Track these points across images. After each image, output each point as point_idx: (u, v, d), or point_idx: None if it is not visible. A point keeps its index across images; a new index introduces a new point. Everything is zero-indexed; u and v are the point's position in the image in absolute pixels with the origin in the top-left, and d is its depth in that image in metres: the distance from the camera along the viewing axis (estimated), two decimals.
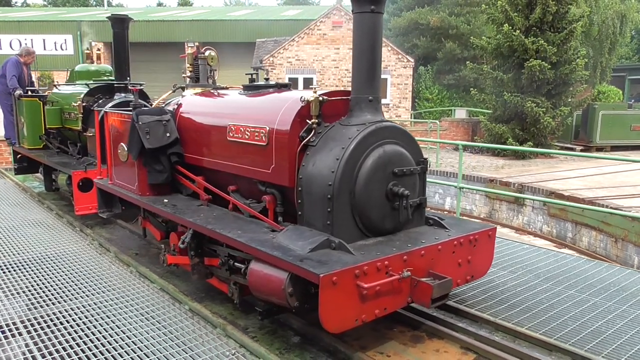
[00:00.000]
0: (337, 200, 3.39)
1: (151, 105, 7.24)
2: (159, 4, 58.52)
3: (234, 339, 3.74)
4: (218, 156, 4.39)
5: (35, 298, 4.47)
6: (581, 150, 15.82)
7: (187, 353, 3.55)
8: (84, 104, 7.10)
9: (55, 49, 29.05)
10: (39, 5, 52.42)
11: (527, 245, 6.29)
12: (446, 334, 3.82)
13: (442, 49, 23.41)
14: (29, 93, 8.70)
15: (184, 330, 3.91)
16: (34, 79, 9.22)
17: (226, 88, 5.53)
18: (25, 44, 27.39)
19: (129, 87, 7.32)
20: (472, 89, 17.25)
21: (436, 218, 4.03)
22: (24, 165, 9.24)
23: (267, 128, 3.78)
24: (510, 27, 14.54)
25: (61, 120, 7.77)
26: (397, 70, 20.74)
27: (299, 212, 3.67)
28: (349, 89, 3.83)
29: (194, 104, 4.92)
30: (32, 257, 5.52)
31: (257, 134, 3.87)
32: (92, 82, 7.62)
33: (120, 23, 7.11)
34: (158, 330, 3.88)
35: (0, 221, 6.95)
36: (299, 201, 3.64)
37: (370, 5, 3.49)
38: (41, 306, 4.30)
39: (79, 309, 4.25)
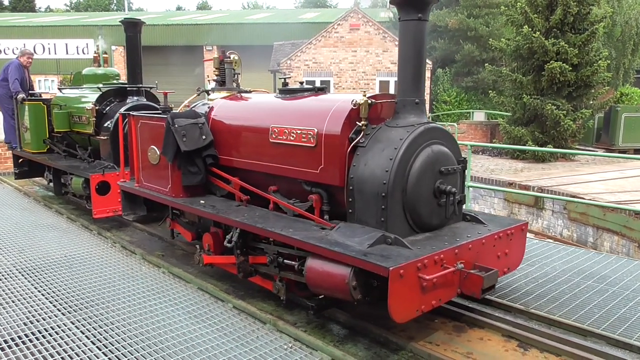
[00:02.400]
0: (391, 198, 3.58)
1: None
2: (178, 8, 59.44)
3: (287, 333, 3.88)
4: (258, 158, 4.52)
5: (76, 299, 4.51)
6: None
7: (245, 348, 3.68)
8: (97, 108, 7.11)
9: (77, 53, 29.85)
10: (62, 10, 54.77)
11: (537, 240, 6.60)
12: (486, 323, 4.04)
13: (461, 51, 23.04)
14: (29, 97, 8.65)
15: (235, 326, 4.03)
16: (57, 82, 9.16)
17: (250, 91, 5.67)
18: (49, 49, 28.18)
19: (143, 90, 7.38)
20: (490, 91, 16.97)
21: (472, 214, 4.26)
22: (25, 169, 9.15)
23: (316, 130, 3.94)
24: (530, 29, 14.30)
25: (69, 124, 7.74)
26: None
27: (349, 210, 3.84)
28: (367, 91, 4.02)
29: (228, 107, 5.04)
30: (58, 259, 5.53)
31: (304, 135, 4.03)
32: (100, 85, 7.63)
33: (132, 27, 7.16)
34: (210, 328, 3.99)
35: (13, 225, 6.91)
36: (350, 199, 3.81)
37: (417, 13, 3.69)
38: (86, 307, 4.35)
39: (124, 309, 4.32)
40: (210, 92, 5.63)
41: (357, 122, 3.83)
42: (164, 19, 33.49)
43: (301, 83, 4.81)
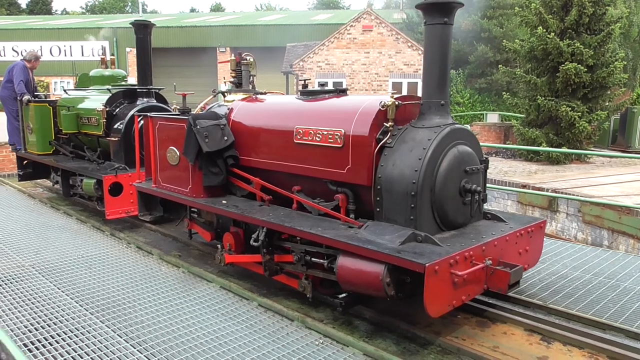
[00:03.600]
0: (420, 197, 3.68)
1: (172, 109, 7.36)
2: (192, 10, 61.35)
3: (316, 330, 3.97)
4: (281, 158, 4.60)
5: (102, 299, 4.55)
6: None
7: (276, 344, 3.76)
8: (107, 109, 7.14)
9: (93, 55, 30.43)
10: (77, 12, 57.08)
11: (544, 238, 6.74)
12: (508, 318, 4.16)
13: (474, 52, 22.72)
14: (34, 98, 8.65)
15: (263, 324, 4.11)
16: (71, 84, 9.15)
17: (265, 93, 5.74)
18: (65, 50, 29.56)
19: (153, 91, 7.43)
20: (504, 92, 16.73)
21: (492, 212, 4.38)
22: (29, 171, 9.12)
23: (343, 131, 4.04)
24: (545, 30, 13.98)
25: (77, 126, 7.74)
26: None
27: (377, 209, 3.94)
28: (380, 93, 4.13)
29: (249, 109, 5.11)
30: (76, 260, 5.56)
31: (331, 136, 4.12)
32: (109, 87, 7.65)
33: (143, 29, 7.21)
34: (239, 325, 4.07)
35: (23, 226, 6.90)
36: (378, 198, 3.91)
37: (443, 17, 3.81)
38: (112, 306, 4.39)
39: (150, 307, 4.37)
40: (226, 93, 5.70)
41: (385, 123, 3.93)
42: (177, 21, 34.13)
43: (322, 85, 4.90)
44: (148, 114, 5.69)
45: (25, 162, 9.02)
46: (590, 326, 4.08)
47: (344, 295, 4.29)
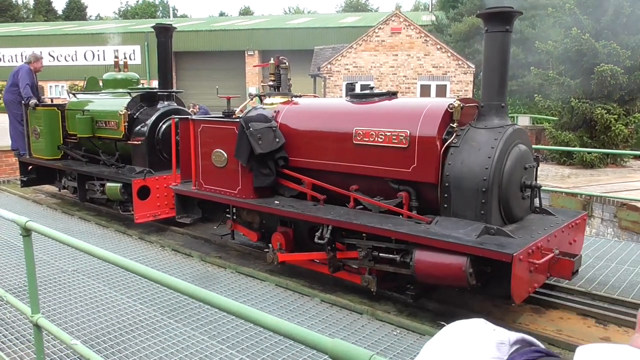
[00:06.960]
0: (491, 193, 3.94)
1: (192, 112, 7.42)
2: (221, 14, 61.90)
3: (388, 322, 4.16)
4: (338, 159, 4.77)
5: (166, 300, 4.60)
6: None
7: (356, 336, 3.94)
8: (129, 113, 7.11)
9: (124, 59, 30.79)
10: (111, 18, 59.24)
11: None
12: (560, 304, 4.47)
13: None
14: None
15: (334, 318, 4.27)
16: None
17: (300, 96, 5.90)
18: (98, 55, 30.19)
19: (173, 94, 7.44)
20: (536, 95, 16.00)
21: (540, 207, 4.69)
22: (33, 177, 8.92)
23: (408, 132, 4.25)
24: (579, 31, 13.40)
25: (92, 129, 7.66)
26: (457, 76, 19.92)
27: (444, 205, 4.17)
28: (408, 95, 4.39)
29: (297, 111, 5.25)
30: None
31: (395, 137, 4.33)
32: (128, 90, 7.61)
33: (164, 32, 7.23)
34: (312, 320, 4.22)
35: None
36: (445, 195, 4.15)
37: (505, 25, 4.07)
38: (180, 307, 4.45)
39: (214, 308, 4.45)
40: (265, 97, 5.82)
41: (451, 125, 4.17)
42: (207, 25, 34.59)
43: (371, 88, 5.10)
44: (189, 116, 5.75)
45: (30, 167, 8.82)
46: (634, 309, 4.43)
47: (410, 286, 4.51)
